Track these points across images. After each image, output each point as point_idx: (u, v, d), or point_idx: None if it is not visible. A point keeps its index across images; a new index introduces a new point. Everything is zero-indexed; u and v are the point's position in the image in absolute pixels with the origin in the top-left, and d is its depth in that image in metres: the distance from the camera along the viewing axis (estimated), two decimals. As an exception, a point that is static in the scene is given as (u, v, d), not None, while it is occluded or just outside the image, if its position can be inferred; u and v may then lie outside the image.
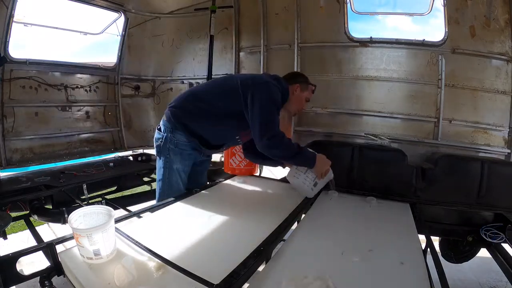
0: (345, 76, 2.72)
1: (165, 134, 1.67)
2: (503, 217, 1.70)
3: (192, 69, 3.49)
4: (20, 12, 2.51)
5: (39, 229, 2.38)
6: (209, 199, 1.67)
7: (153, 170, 2.94)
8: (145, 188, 2.92)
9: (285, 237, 1.28)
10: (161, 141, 1.69)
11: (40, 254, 1.04)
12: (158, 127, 1.73)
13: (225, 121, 1.65)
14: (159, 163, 1.75)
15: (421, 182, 1.88)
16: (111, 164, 2.93)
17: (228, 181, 2.04)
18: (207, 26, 2.88)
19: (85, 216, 1.03)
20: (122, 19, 3.24)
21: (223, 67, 3.25)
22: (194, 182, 1.88)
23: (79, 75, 3.13)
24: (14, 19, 2.48)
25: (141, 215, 1.41)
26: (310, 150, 1.67)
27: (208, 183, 2.15)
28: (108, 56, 3.42)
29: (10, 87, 2.62)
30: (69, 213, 1.09)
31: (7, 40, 2.48)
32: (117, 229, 1.09)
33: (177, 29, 3.48)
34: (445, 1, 2.32)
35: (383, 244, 1.19)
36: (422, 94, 2.50)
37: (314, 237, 1.25)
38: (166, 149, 1.68)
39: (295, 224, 1.44)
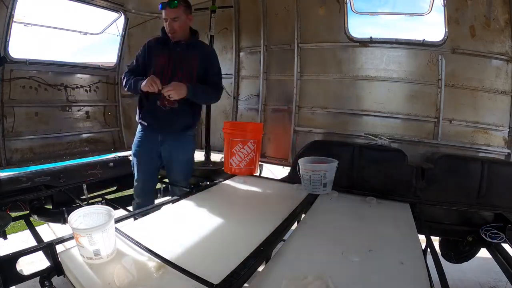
0: (345, 76, 2.72)
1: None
2: (503, 217, 1.70)
3: (192, 69, 3.48)
4: (20, 12, 2.51)
5: (39, 229, 2.37)
6: (209, 199, 1.67)
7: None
8: (145, 188, 2.91)
9: (285, 237, 1.28)
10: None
11: (40, 254, 1.04)
12: None
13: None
14: None
15: (421, 182, 1.88)
16: (111, 164, 2.92)
17: (228, 181, 2.05)
18: (207, 26, 2.88)
19: (85, 216, 1.03)
20: (122, 19, 3.24)
21: (223, 67, 3.20)
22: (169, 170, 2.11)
23: (79, 75, 3.13)
24: (14, 19, 2.48)
25: (141, 215, 1.41)
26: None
27: (208, 183, 2.15)
28: (104, 56, 3.42)
29: (10, 87, 2.61)
30: (69, 213, 1.09)
31: (7, 40, 2.48)
32: (117, 229, 1.09)
33: (177, 29, 3.48)
34: (445, 1, 2.32)
35: (383, 244, 1.19)
36: (422, 94, 2.50)
37: (314, 237, 1.25)
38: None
39: (295, 224, 1.44)
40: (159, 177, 2.76)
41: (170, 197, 1.78)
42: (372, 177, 1.93)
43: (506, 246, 1.67)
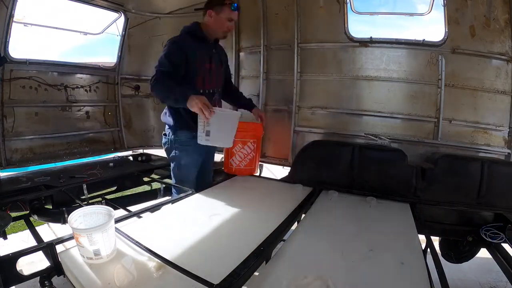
0: (345, 76, 2.71)
1: (170, 137, 1.89)
2: (503, 217, 1.70)
3: (192, 69, 3.49)
4: (20, 12, 2.51)
5: (39, 229, 2.37)
6: (209, 199, 1.67)
7: (153, 170, 2.94)
8: (145, 188, 2.92)
9: (285, 237, 1.28)
10: (168, 144, 1.92)
11: (40, 254, 1.04)
12: (164, 133, 1.96)
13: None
14: (171, 165, 1.97)
15: (421, 182, 1.88)
16: (111, 164, 2.92)
17: (228, 181, 2.05)
18: (207, 26, 2.88)
19: (85, 216, 1.03)
20: (122, 19, 3.24)
21: (223, 67, 3.24)
22: (201, 179, 2.05)
23: (79, 75, 3.13)
24: (14, 19, 2.48)
25: (141, 215, 1.41)
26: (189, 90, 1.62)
27: (208, 182, 2.15)
28: (101, 56, 3.42)
29: (10, 87, 2.61)
30: (69, 213, 1.09)
31: (7, 40, 2.48)
32: (117, 229, 1.09)
33: (177, 29, 3.44)
34: (445, 1, 2.32)
35: (383, 244, 1.19)
36: (422, 94, 2.50)
37: (314, 237, 1.25)
38: (173, 149, 1.90)
39: (295, 224, 1.44)
40: (158, 177, 2.81)
41: (170, 197, 1.78)
42: (372, 177, 1.93)
43: (506, 246, 1.67)
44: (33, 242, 1.87)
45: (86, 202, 2.21)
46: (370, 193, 1.80)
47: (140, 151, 3.59)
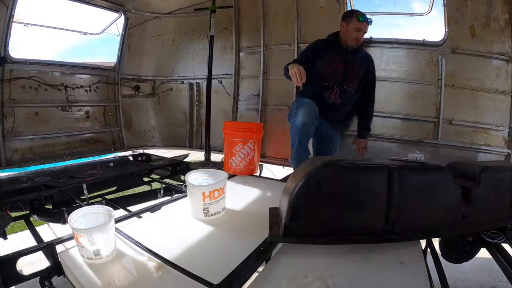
0: (345, 76, 2.71)
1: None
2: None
3: (192, 69, 3.49)
4: (20, 12, 2.52)
5: (39, 229, 2.37)
6: (209, 199, 1.67)
7: (153, 170, 2.94)
8: (145, 188, 2.92)
9: (285, 237, 1.27)
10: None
11: (40, 254, 1.04)
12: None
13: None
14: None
15: (465, 206, 1.34)
16: (111, 164, 2.92)
17: (228, 181, 2.04)
18: (207, 26, 2.88)
19: (85, 216, 1.03)
20: (122, 19, 3.24)
21: (223, 67, 3.25)
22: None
23: (79, 75, 3.13)
24: (14, 19, 2.48)
25: (141, 215, 1.42)
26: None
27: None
28: (101, 57, 3.43)
29: (10, 87, 2.62)
30: (69, 213, 1.09)
31: (7, 40, 2.48)
32: (117, 229, 1.09)
33: (177, 29, 3.48)
34: (445, 1, 2.32)
35: (383, 244, 1.19)
36: (422, 94, 2.50)
37: (314, 237, 1.25)
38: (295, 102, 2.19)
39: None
40: (158, 177, 2.80)
41: (170, 197, 1.78)
42: (418, 214, 1.24)
43: (506, 246, 1.67)
44: (33, 242, 1.87)
45: (86, 202, 2.21)
46: (416, 236, 1.23)
47: (140, 151, 3.59)
